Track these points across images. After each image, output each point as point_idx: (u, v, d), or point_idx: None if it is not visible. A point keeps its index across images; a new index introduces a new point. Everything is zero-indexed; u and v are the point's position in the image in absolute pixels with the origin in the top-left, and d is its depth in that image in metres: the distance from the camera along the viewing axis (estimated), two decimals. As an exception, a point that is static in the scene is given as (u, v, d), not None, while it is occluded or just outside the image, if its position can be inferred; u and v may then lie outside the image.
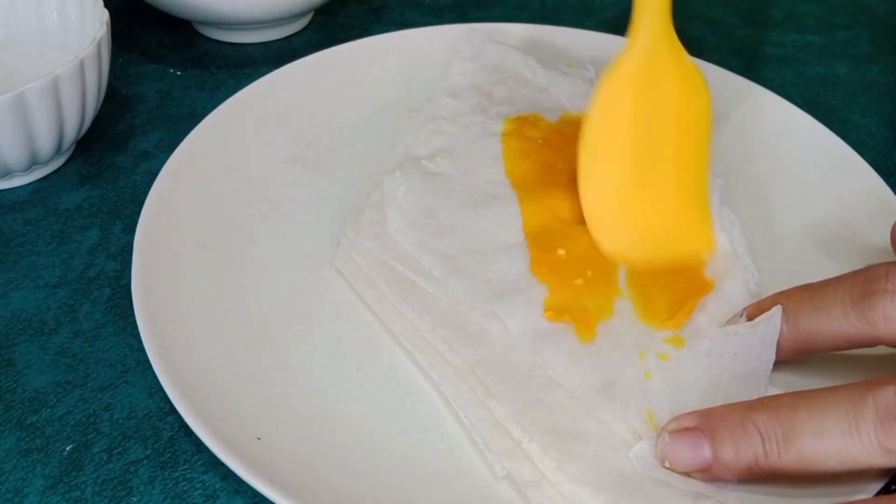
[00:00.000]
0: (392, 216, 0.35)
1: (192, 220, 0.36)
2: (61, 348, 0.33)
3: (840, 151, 0.40)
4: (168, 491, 0.29)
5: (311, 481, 0.27)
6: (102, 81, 0.40)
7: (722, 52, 0.53)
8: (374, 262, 0.34)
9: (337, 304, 0.34)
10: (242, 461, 0.26)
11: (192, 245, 0.35)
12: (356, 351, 0.32)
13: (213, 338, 0.32)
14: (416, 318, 0.32)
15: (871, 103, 0.49)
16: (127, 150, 0.43)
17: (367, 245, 0.34)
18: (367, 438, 0.29)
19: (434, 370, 0.31)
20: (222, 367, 0.31)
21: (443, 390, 0.30)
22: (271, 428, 0.29)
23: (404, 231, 0.35)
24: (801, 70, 0.51)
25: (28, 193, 0.40)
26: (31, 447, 0.30)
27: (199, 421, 0.27)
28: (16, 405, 0.31)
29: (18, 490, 0.29)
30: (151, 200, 0.35)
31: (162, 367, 0.29)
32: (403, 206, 0.35)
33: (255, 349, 0.32)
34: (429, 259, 0.34)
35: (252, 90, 0.42)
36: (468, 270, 0.33)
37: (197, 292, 0.33)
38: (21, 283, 0.36)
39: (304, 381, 0.31)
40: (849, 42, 0.55)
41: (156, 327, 0.30)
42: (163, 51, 0.51)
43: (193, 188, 0.37)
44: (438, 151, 0.38)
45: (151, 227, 0.34)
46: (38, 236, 0.38)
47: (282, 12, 0.49)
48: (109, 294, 0.36)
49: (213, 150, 0.39)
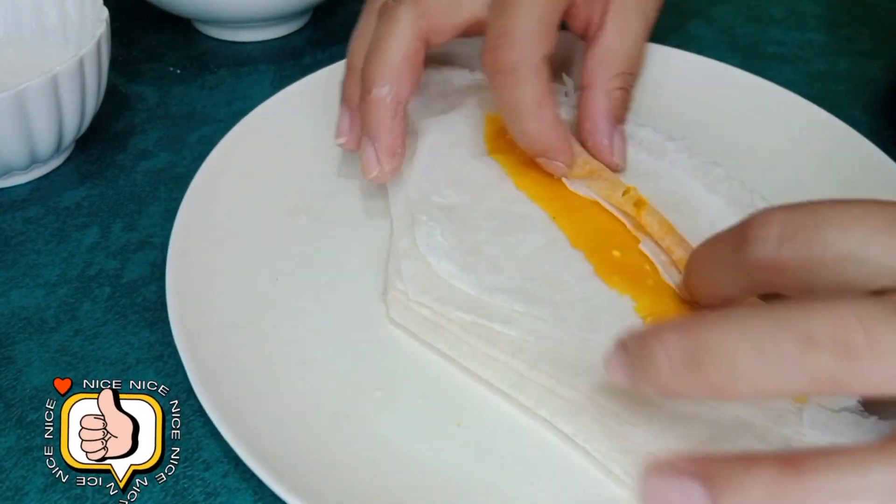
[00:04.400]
0: (441, 263, 0.32)
1: (218, 300, 0.32)
2: (61, 347, 0.33)
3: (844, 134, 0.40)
4: (168, 489, 0.29)
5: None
6: (102, 80, 0.40)
7: (722, 51, 0.52)
8: (430, 305, 0.32)
9: (408, 359, 0.31)
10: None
11: (229, 327, 0.31)
12: (450, 405, 0.30)
13: (292, 425, 0.29)
14: (509, 359, 0.30)
15: (873, 100, 0.49)
16: (127, 148, 0.43)
17: (422, 300, 0.31)
18: (496, 498, 0.27)
19: (543, 408, 0.29)
20: (308, 449, 0.28)
21: (560, 427, 0.28)
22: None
23: (460, 276, 0.32)
24: (801, 68, 0.51)
25: (28, 192, 0.40)
26: (32, 445, 0.30)
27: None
28: (16, 403, 0.31)
29: (19, 488, 0.29)
30: (173, 303, 0.31)
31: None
32: (447, 249, 0.33)
33: (339, 426, 0.29)
34: (501, 297, 0.31)
35: (228, 144, 0.38)
36: (544, 298, 0.31)
37: (253, 381, 0.30)
38: (21, 282, 0.36)
39: (405, 452, 0.28)
40: (850, 39, 0.54)
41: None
42: (162, 49, 0.51)
43: (207, 266, 0.34)
44: (440, 184, 0.36)
45: (184, 320, 0.31)
46: (38, 235, 0.38)
47: (281, 11, 0.49)
48: (109, 293, 0.36)
49: (209, 220, 0.35)
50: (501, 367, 0.30)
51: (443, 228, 0.33)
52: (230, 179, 0.37)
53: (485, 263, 0.32)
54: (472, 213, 0.35)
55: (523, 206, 0.35)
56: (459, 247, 0.33)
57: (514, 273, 0.32)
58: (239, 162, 0.38)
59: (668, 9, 0.56)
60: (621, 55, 0.36)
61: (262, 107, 0.40)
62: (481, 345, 0.30)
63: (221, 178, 0.37)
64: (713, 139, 0.40)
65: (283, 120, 0.40)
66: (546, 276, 0.32)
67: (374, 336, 0.32)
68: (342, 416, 0.29)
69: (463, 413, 0.29)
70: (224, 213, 0.36)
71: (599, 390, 0.28)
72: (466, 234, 0.33)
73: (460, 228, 0.34)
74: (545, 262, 0.32)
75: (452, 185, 0.36)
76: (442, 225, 0.34)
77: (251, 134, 0.39)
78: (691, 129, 0.40)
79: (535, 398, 0.29)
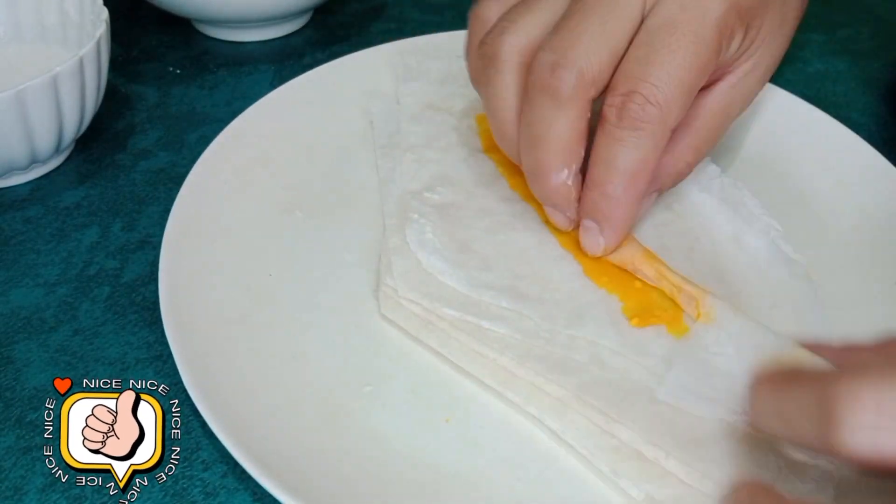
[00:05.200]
0: (431, 260, 0.32)
1: (211, 296, 0.32)
2: (60, 346, 0.33)
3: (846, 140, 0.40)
4: (168, 489, 0.29)
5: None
6: (102, 80, 0.40)
7: (722, 50, 0.52)
8: (416, 301, 0.32)
9: (398, 355, 0.31)
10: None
11: (222, 322, 0.32)
12: (439, 401, 0.30)
13: (283, 421, 0.29)
14: (497, 356, 0.30)
15: (872, 100, 0.49)
16: (126, 148, 0.43)
17: (412, 297, 0.32)
18: (483, 493, 0.27)
19: (531, 405, 0.29)
20: (299, 445, 0.28)
21: (547, 424, 0.29)
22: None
23: (450, 273, 0.32)
24: (801, 67, 0.51)
25: (27, 192, 0.40)
26: (31, 445, 0.30)
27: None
28: (15, 403, 0.31)
29: (18, 488, 0.29)
30: (165, 298, 0.31)
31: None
32: (437, 246, 0.33)
33: (329, 422, 0.29)
34: (489, 294, 0.31)
35: (222, 142, 0.38)
36: (532, 295, 0.31)
37: (245, 376, 0.30)
38: (20, 282, 0.36)
39: (393, 445, 0.28)
40: (849, 39, 0.54)
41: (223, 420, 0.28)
42: (162, 49, 0.51)
43: (200, 262, 0.34)
44: (433, 181, 0.36)
45: (176, 314, 0.31)
46: (38, 234, 0.38)
47: (281, 11, 0.49)
48: (109, 292, 0.36)
49: (204, 215, 0.35)
50: (490, 364, 0.30)
51: (433, 226, 0.34)
52: (224, 176, 0.37)
53: (475, 261, 0.33)
54: (464, 211, 0.35)
55: (516, 206, 0.35)
56: (450, 244, 0.33)
57: (504, 271, 0.32)
58: (233, 159, 0.38)
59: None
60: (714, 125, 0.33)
61: (255, 105, 0.40)
62: (470, 341, 0.30)
63: (215, 176, 0.37)
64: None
65: (277, 118, 0.41)
66: (535, 274, 0.32)
67: (366, 332, 0.32)
68: (332, 412, 0.29)
69: (452, 409, 0.30)
70: (218, 210, 0.36)
71: (586, 388, 0.28)
72: (458, 232, 0.34)
73: (452, 226, 0.34)
74: (535, 261, 0.33)
75: (447, 183, 0.36)
76: (433, 222, 0.34)
77: (245, 132, 0.39)
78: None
79: (524, 395, 0.29)
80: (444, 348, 0.31)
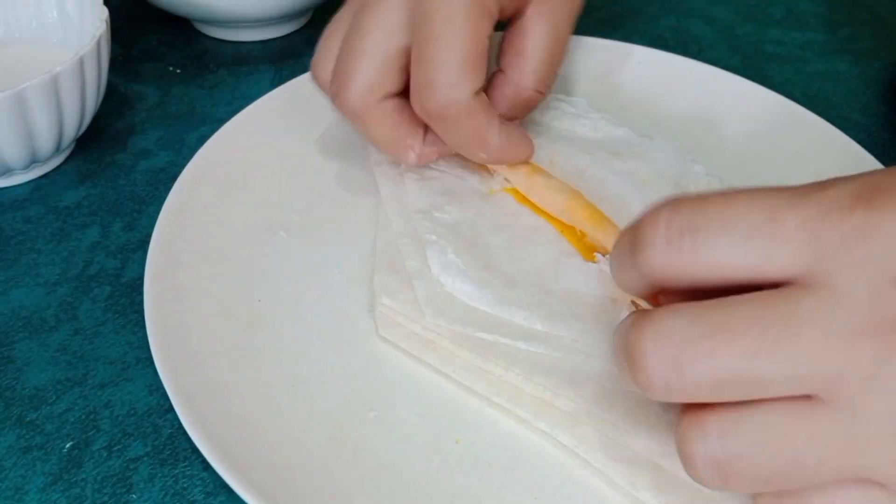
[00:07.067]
0: (456, 283, 0.31)
1: (199, 330, 0.31)
2: (61, 346, 0.33)
3: (841, 144, 0.40)
4: (168, 488, 0.29)
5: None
6: (102, 79, 0.40)
7: (722, 50, 0.53)
8: (431, 324, 0.31)
9: (400, 376, 0.30)
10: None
11: (214, 356, 0.30)
12: (447, 422, 0.29)
13: (286, 453, 0.28)
14: (503, 372, 0.29)
15: (872, 100, 0.49)
16: (126, 147, 0.43)
17: (437, 322, 0.31)
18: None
19: (541, 421, 0.28)
20: (307, 479, 0.27)
21: (560, 439, 0.28)
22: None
23: (477, 295, 0.31)
24: (801, 67, 0.51)
25: (28, 191, 0.40)
26: (31, 444, 0.30)
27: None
28: (15, 402, 0.31)
29: (18, 487, 0.29)
30: (154, 330, 0.30)
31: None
32: (462, 267, 0.32)
33: (335, 452, 0.28)
34: (521, 315, 0.30)
35: (201, 160, 0.37)
36: (564, 312, 0.30)
37: (244, 409, 0.29)
38: (21, 281, 0.36)
39: (405, 473, 0.27)
40: (849, 39, 0.54)
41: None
42: (162, 49, 0.51)
43: (185, 295, 0.32)
44: (438, 198, 0.35)
45: (167, 354, 0.29)
46: (38, 234, 0.38)
47: (281, 10, 0.49)
48: (109, 292, 0.36)
49: (184, 243, 0.34)
50: (496, 381, 0.29)
51: (454, 247, 0.33)
52: (202, 200, 0.36)
53: (500, 279, 0.32)
54: (478, 228, 0.34)
55: (528, 219, 0.34)
56: (472, 263, 0.32)
57: (531, 287, 0.31)
58: (210, 183, 0.37)
59: (668, 9, 0.57)
60: (540, 48, 0.34)
61: (226, 125, 0.39)
62: (474, 359, 0.30)
63: (192, 201, 0.36)
64: (691, 137, 0.40)
65: (250, 137, 0.39)
66: (563, 289, 0.31)
67: (364, 354, 0.31)
68: (337, 441, 0.28)
69: (461, 429, 0.29)
70: (198, 237, 0.35)
71: (597, 400, 0.28)
72: (477, 250, 0.33)
73: (470, 244, 0.33)
74: (561, 276, 0.32)
75: (453, 199, 0.35)
76: (453, 244, 0.33)
77: (219, 153, 0.38)
78: (668, 127, 0.41)
79: (533, 410, 0.29)
80: (446, 367, 0.30)
